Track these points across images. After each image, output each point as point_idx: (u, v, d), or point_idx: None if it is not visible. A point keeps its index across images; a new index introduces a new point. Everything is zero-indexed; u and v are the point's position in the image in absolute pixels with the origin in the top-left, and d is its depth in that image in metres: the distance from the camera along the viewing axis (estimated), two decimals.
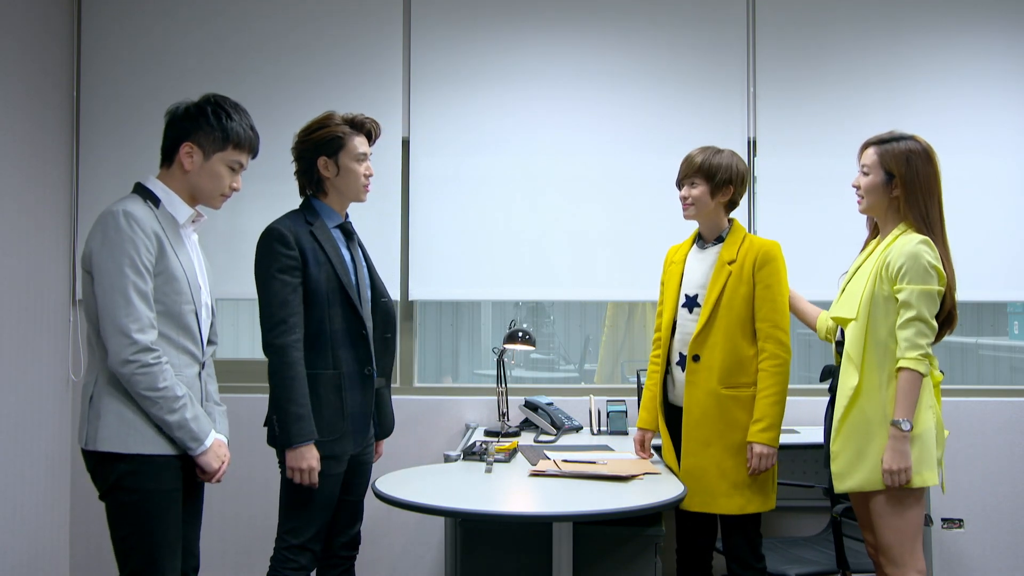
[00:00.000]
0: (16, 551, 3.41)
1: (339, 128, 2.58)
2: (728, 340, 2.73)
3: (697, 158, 2.81)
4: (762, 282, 2.74)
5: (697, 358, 2.75)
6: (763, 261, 2.75)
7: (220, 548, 3.69)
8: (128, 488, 2.13)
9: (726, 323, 2.73)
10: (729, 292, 2.74)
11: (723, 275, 2.76)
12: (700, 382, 2.75)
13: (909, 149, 2.51)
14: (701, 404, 2.75)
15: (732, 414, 2.73)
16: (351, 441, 2.53)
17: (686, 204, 2.83)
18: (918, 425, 2.41)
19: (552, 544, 2.54)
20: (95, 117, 3.82)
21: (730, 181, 2.79)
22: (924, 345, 2.38)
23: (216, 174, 2.30)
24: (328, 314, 2.50)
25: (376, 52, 3.82)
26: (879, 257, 2.50)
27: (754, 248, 2.77)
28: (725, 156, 2.81)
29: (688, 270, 2.88)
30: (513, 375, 3.20)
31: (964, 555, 3.69)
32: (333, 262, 2.52)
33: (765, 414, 2.68)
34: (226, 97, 2.34)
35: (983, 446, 3.67)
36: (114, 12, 3.83)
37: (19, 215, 3.44)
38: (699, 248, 2.89)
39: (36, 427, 3.53)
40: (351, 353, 2.54)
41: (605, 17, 3.82)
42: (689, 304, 2.83)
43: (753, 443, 2.69)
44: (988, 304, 4.06)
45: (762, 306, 2.74)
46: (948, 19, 3.80)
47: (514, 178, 3.81)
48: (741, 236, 2.82)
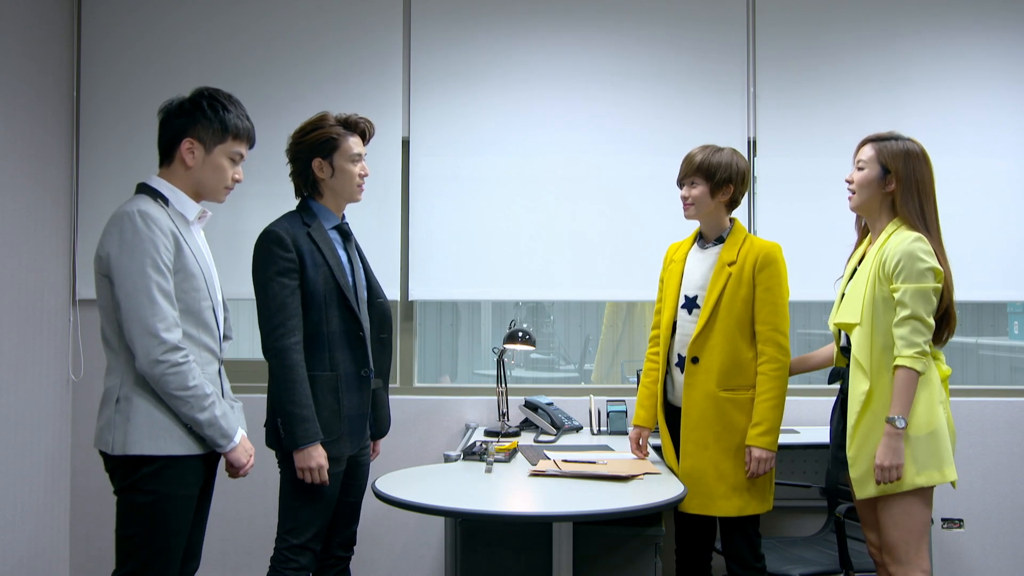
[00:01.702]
0: (16, 551, 3.41)
1: (333, 129, 2.57)
2: (727, 342, 2.71)
3: (696, 157, 2.78)
4: (762, 284, 2.72)
5: (696, 360, 2.74)
6: (764, 263, 2.72)
7: (220, 548, 3.69)
8: (146, 490, 2.13)
9: (725, 325, 2.71)
10: (729, 294, 2.72)
11: (723, 277, 2.74)
12: (698, 384, 2.73)
13: (907, 148, 2.53)
14: (699, 406, 2.73)
15: (730, 416, 2.71)
16: (348, 443, 2.53)
17: (686, 204, 2.81)
18: (931, 423, 2.41)
19: (552, 544, 2.54)
20: (95, 117, 3.82)
21: (730, 180, 2.76)
22: (920, 343, 2.37)
23: (219, 167, 2.29)
24: (325, 316, 2.49)
25: (376, 52, 3.83)
26: (875, 257, 2.49)
27: (755, 250, 2.75)
28: (725, 154, 2.78)
29: (688, 270, 2.85)
30: (513, 375, 3.20)
31: (964, 555, 3.69)
32: (330, 264, 2.51)
33: (764, 418, 2.67)
34: (218, 89, 2.33)
35: (983, 446, 3.67)
36: (114, 12, 3.83)
37: (19, 215, 3.44)
38: (699, 248, 2.86)
39: (36, 427, 3.53)
40: (348, 355, 2.53)
41: (605, 17, 3.82)
42: (688, 305, 2.81)
43: (752, 447, 2.68)
44: (988, 304, 4.06)
45: (762, 309, 2.72)
46: (948, 19, 3.80)
47: (514, 178, 3.81)
48: (742, 237, 2.79)
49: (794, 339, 5.63)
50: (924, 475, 2.39)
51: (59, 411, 3.69)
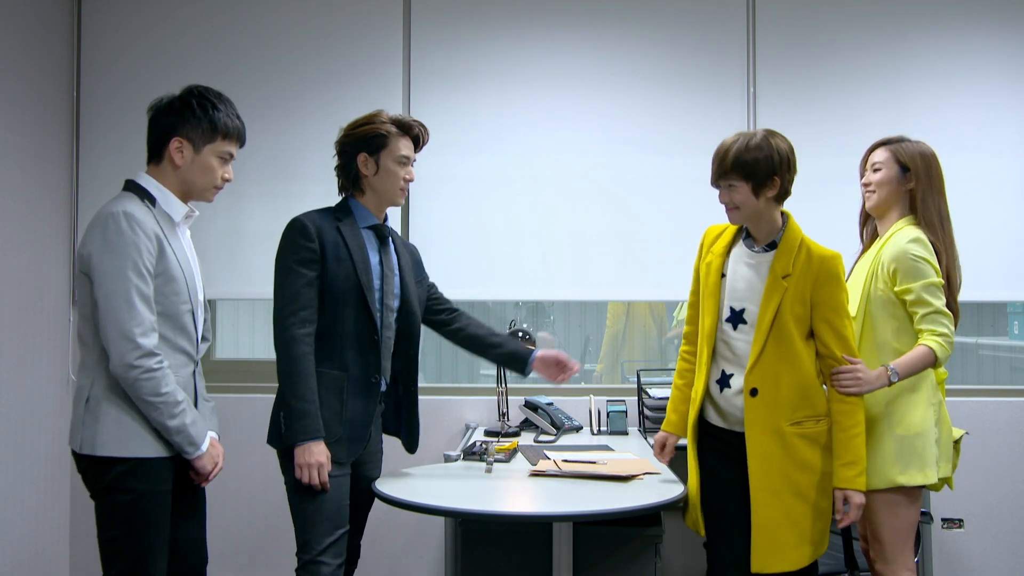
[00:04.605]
0: (16, 551, 3.41)
1: (384, 126, 2.51)
2: (789, 369, 2.33)
3: (730, 152, 2.34)
4: (825, 304, 2.33)
5: (755, 392, 2.34)
6: (824, 279, 2.33)
7: (220, 548, 3.68)
8: (125, 488, 2.12)
9: (785, 349, 2.33)
10: (784, 312, 2.32)
11: (777, 292, 2.33)
12: (761, 420, 2.33)
13: (922, 148, 2.60)
14: (764, 446, 2.33)
15: (800, 454, 2.33)
16: (346, 448, 2.43)
17: (729, 210, 2.39)
18: (915, 424, 2.43)
19: (552, 544, 2.54)
20: (95, 117, 3.82)
21: (774, 171, 2.33)
22: (948, 332, 2.41)
23: (208, 167, 2.26)
24: (342, 313, 2.42)
25: (376, 52, 3.82)
26: (875, 255, 2.52)
27: (813, 263, 2.34)
28: (761, 143, 2.34)
29: (733, 275, 2.42)
30: (513, 375, 3.20)
31: (964, 555, 3.69)
32: (355, 260, 2.43)
33: (857, 456, 2.31)
34: (208, 88, 2.31)
35: (983, 446, 3.67)
36: (114, 12, 3.83)
37: (19, 215, 3.44)
38: (747, 250, 2.43)
39: (36, 427, 3.53)
40: (359, 357, 2.45)
41: (605, 17, 3.82)
42: (734, 319, 2.40)
43: (848, 491, 2.31)
44: (988, 304, 4.06)
45: (828, 338, 2.35)
46: (948, 19, 3.79)
47: (514, 178, 3.81)
48: (797, 242, 2.37)
49: None
50: (906, 475, 2.42)
51: (59, 411, 3.69)
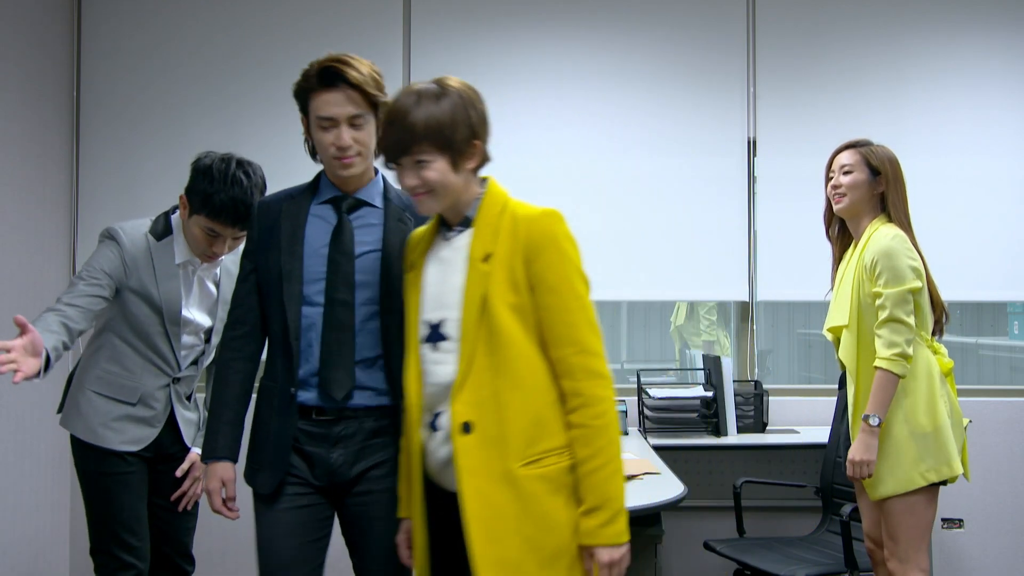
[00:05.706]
0: (16, 551, 3.41)
1: (304, 82, 1.98)
2: (514, 384, 1.67)
3: (417, 116, 1.74)
4: (542, 283, 1.69)
5: (468, 427, 1.66)
6: (537, 248, 1.72)
7: (221, 548, 3.69)
8: (91, 459, 2.38)
9: (504, 359, 1.67)
10: (493, 307, 1.67)
11: (478, 282, 1.70)
12: (479, 464, 1.65)
13: (888, 152, 2.62)
14: (489, 500, 1.64)
15: (541, 506, 1.64)
16: (268, 475, 1.99)
17: (419, 194, 1.77)
18: (935, 420, 2.44)
19: None
20: (95, 117, 3.82)
21: (475, 134, 1.90)
22: (900, 343, 2.40)
23: (192, 234, 2.34)
24: (270, 311, 1.98)
25: (376, 52, 3.80)
26: (859, 258, 2.54)
27: (520, 230, 1.76)
28: (451, 96, 1.82)
29: (425, 279, 1.81)
30: None
31: (964, 555, 3.69)
32: (282, 246, 1.94)
33: (603, 498, 1.63)
34: (234, 159, 2.27)
35: (983, 446, 3.67)
36: (114, 12, 3.83)
37: (19, 215, 3.44)
38: (442, 238, 1.84)
39: (36, 426, 3.53)
40: (283, 364, 1.96)
41: (605, 17, 3.82)
42: (433, 337, 1.75)
43: (593, 546, 1.64)
44: (988, 304, 4.07)
45: (552, 324, 1.68)
46: (948, 19, 3.79)
47: (514, 178, 3.77)
48: (498, 209, 1.85)
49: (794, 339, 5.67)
50: (934, 471, 2.44)
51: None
